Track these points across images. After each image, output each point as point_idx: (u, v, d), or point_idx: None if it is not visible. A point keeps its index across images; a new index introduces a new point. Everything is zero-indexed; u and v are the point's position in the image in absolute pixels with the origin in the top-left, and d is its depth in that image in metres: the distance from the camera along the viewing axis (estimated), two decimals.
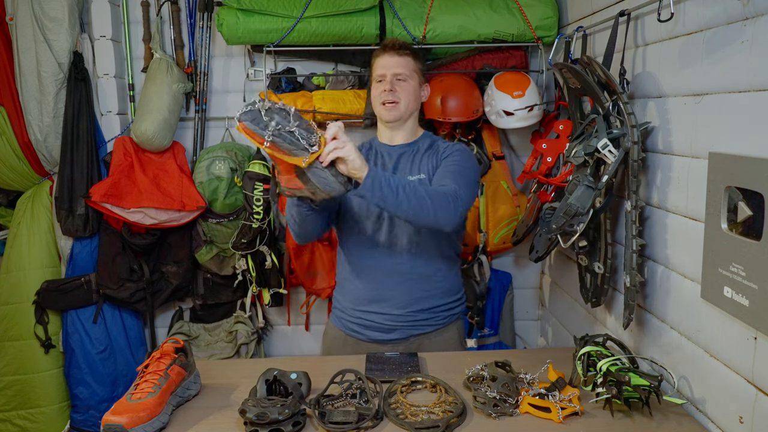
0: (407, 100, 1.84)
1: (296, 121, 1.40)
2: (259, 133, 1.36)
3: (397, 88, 1.82)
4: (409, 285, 1.82)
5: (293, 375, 1.48)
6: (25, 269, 2.54)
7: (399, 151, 1.87)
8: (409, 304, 1.82)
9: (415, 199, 1.55)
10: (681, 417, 1.39)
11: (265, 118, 1.36)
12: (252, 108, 1.37)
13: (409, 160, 1.84)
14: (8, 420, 2.56)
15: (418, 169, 1.82)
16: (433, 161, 1.83)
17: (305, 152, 1.40)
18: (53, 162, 2.53)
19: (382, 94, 1.83)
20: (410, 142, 1.89)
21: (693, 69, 1.42)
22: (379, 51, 1.88)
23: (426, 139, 1.91)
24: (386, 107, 1.83)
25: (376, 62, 1.88)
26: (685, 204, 1.45)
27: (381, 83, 1.84)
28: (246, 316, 2.69)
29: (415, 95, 1.86)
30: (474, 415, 1.41)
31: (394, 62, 1.84)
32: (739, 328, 1.23)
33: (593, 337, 1.61)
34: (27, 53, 2.41)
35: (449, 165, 1.78)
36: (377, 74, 1.86)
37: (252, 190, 2.48)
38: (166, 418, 1.38)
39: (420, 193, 1.56)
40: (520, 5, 2.40)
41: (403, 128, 1.88)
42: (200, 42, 2.63)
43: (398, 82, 1.83)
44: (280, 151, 1.39)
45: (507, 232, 2.52)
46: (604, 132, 1.61)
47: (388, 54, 1.85)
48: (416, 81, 1.87)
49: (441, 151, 1.84)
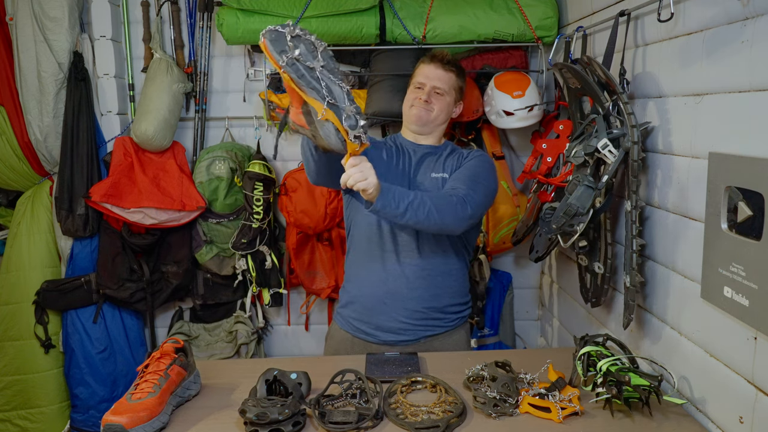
0: (438, 113, 1.88)
1: (323, 61, 1.35)
2: (275, 56, 1.32)
3: (433, 100, 1.87)
4: (423, 281, 1.82)
5: (293, 375, 1.48)
6: (25, 269, 2.54)
7: (424, 151, 1.91)
8: (423, 300, 1.83)
9: (423, 215, 1.62)
10: (681, 417, 1.39)
11: (290, 43, 1.32)
12: (280, 29, 1.33)
13: (433, 161, 1.88)
14: (8, 420, 2.56)
15: (441, 168, 1.86)
16: (455, 163, 1.88)
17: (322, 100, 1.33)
18: (53, 162, 2.53)
19: (416, 101, 1.87)
20: (435, 145, 1.94)
21: (693, 69, 1.42)
22: (427, 59, 1.91)
23: (447, 146, 1.96)
24: (416, 115, 1.86)
25: (420, 69, 1.91)
26: (685, 204, 1.45)
27: (419, 90, 1.88)
28: (246, 316, 2.69)
29: (448, 110, 1.91)
30: (474, 415, 1.41)
31: (437, 75, 1.88)
32: (739, 328, 1.23)
33: (593, 337, 1.61)
34: (27, 53, 2.41)
35: (465, 169, 1.83)
36: (417, 81, 1.90)
37: (252, 190, 2.48)
38: (166, 418, 1.38)
39: (427, 207, 1.62)
40: (520, 5, 2.40)
41: (429, 136, 1.93)
42: (200, 42, 2.63)
43: (435, 95, 1.87)
44: (295, 84, 1.33)
45: (507, 232, 2.52)
46: (604, 132, 1.61)
47: (435, 65, 1.89)
48: (452, 98, 1.91)
49: (464, 156, 1.89)
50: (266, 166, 2.53)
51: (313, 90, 1.34)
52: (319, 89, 1.34)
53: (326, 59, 1.37)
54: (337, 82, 1.38)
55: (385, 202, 1.56)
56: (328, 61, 1.38)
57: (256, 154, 2.59)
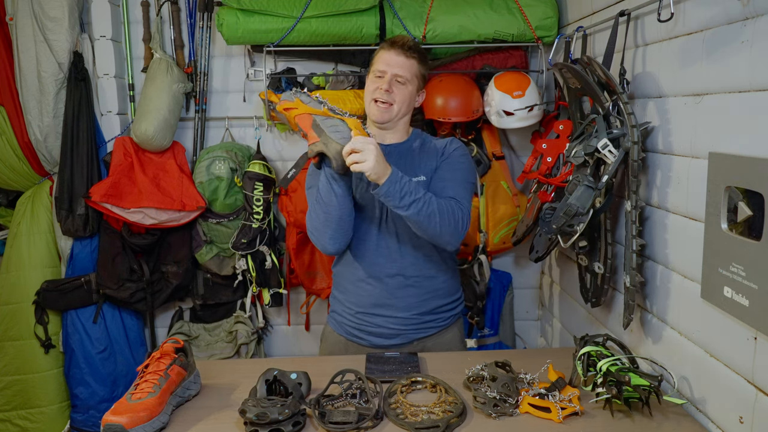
0: (401, 104, 1.77)
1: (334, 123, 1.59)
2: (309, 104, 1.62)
3: (394, 90, 1.75)
4: (412, 288, 1.80)
5: (293, 375, 1.47)
6: (25, 269, 2.54)
7: (390, 151, 1.81)
8: (413, 307, 1.81)
9: (426, 213, 1.60)
10: (681, 417, 1.39)
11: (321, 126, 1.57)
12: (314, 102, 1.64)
13: (404, 161, 1.80)
14: (8, 420, 2.56)
15: (415, 170, 1.78)
16: (432, 162, 1.79)
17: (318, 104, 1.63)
18: (53, 162, 2.53)
19: (376, 91, 1.76)
20: (401, 141, 1.85)
21: (693, 69, 1.42)
22: (387, 45, 1.79)
23: (416, 138, 1.86)
24: (378, 107, 1.77)
25: (380, 55, 1.79)
26: (685, 204, 1.45)
27: (379, 79, 1.76)
28: (246, 316, 2.69)
29: (410, 100, 1.80)
30: (474, 415, 1.41)
31: (398, 62, 1.76)
32: (739, 328, 1.23)
33: (593, 337, 1.61)
34: (27, 53, 2.41)
35: (450, 171, 1.76)
36: (377, 68, 1.77)
37: (252, 190, 2.48)
38: (166, 418, 1.38)
39: (432, 208, 1.60)
40: (520, 5, 2.40)
41: (393, 129, 1.83)
42: (200, 42, 2.64)
43: (396, 84, 1.76)
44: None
45: (507, 232, 2.52)
46: (604, 132, 1.61)
47: (395, 52, 1.76)
48: (415, 86, 1.80)
49: (439, 151, 1.80)
50: (266, 166, 2.53)
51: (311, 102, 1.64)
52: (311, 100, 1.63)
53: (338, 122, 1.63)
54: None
55: (390, 190, 1.54)
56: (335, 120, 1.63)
57: (256, 154, 2.59)
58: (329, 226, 1.68)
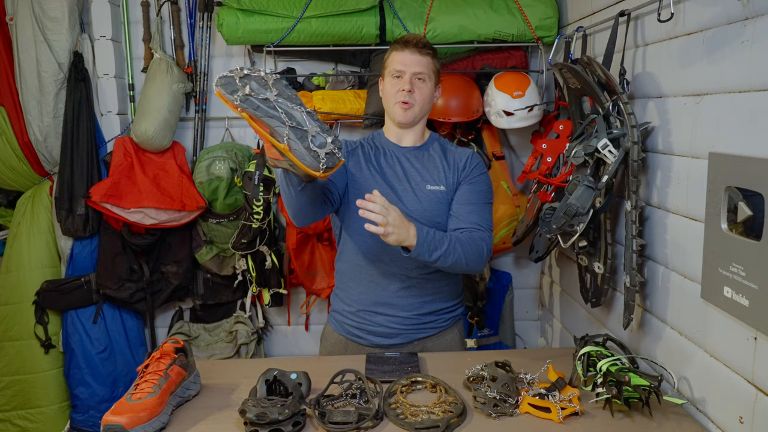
0: (422, 102, 1.77)
1: (277, 90, 1.38)
2: (228, 97, 1.35)
3: (415, 89, 1.74)
4: (415, 289, 1.80)
5: (293, 375, 1.47)
6: (25, 269, 2.54)
7: (411, 154, 1.82)
8: (414, 308, 1.81)
9: (452, 260, 1.64)
10: (681, 417, 1.39)
11: (239, 83, 1.35)
12: (228, 74, 1.37)
13: (423, 166, 1.80)
14: (8, 420, 2.56)
15: (435, 179, 1.78)
16: (452, 176, 1.79)
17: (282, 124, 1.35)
18: (53, 162, 2.53)
19: (399, 93, 1.74)
20: (419, 145, 1.85)
21: (693, 69, 1.42)
22: (399, 45, 1.77)
23: (434, 142, 1.86)
24: (402, 108, 1.75)
25: (394, 56, 1.77)
26: (685, 204, 1.45)
27: (399, 80, 1.75)
28: (246, 316, 2.69)
29: (431, 97, 1.80)
30: (474, 415, 1.41)
31: (415, 60, 1.74)
32: (739, 328, 1.23)
33: (593, 337, 1.61)
34: (27, 53, 2.41)
35: (474, 193, 1.77)
36: (395, 69, 1.75)
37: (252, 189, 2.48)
38: (166, 418, 1.38)
39: (457, 254, 1.64)
40: (520, 5, 2.40)
41: (413, 130, 1.83)
42: (200, 42, 2.64)
43: (417, 82, 1.74)
44: (255, 120, 1.36)
45: (507, 232, 2.52)
46: (604, 132, 1.61)
47: (410, 51, 1.74)
48: (433, 82, 1.79)
49: (461, 166, 1.80)
50: (266, 167, 2.53)
51: (272, 118, 1.35)
52: (278, 115, 1.36)
53: (280, 88, 1.39)
54: (296, 108, 1.39)
55: (421, 251, 1.59)
56: (283, 90, 1.39)
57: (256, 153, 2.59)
58: (291, 208, 1.66)
